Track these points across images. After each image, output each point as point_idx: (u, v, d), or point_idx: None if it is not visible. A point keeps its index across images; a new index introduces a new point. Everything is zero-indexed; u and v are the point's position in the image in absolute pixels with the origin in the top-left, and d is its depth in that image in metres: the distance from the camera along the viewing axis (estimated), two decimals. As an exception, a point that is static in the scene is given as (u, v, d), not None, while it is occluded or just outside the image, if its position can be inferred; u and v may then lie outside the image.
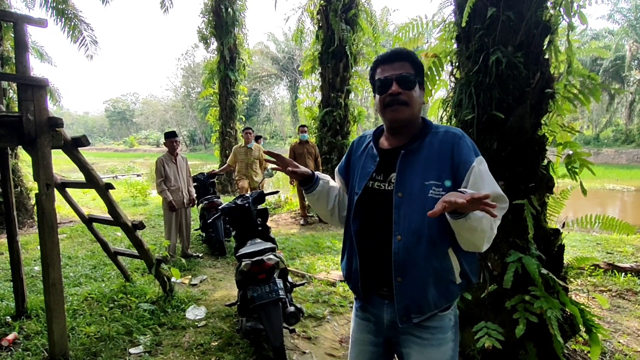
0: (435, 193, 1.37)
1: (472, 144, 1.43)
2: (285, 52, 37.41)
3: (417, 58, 1.49)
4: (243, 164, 7.02)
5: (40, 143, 2.75)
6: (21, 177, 7.75)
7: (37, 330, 3.31)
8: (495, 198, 1.31)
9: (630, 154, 24.99)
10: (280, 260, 3.05)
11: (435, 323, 1.46)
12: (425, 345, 1.47)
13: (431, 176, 1.39)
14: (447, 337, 1.48)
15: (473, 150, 1.40)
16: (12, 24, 2.81)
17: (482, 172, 1.36)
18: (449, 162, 1.39)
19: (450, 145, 1.40)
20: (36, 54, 12.26)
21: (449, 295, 1.44)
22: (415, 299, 1.42)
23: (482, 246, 1.34)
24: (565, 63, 2.55)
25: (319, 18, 8.13)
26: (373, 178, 1.50)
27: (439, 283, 1.41)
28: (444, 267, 1.41)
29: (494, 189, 1.35)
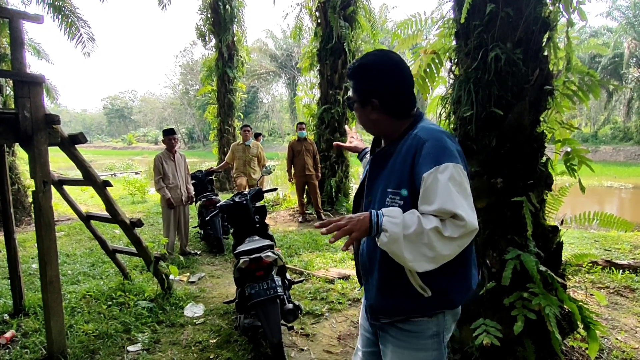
0: (392, 201, 1.33)
1: (438, 149, 1.28)
2: (284, 50, 37.33)
3: (361, 71, 1.43)
4: (241, 161, 7.02)
5: (36, 140, 2.73)
6: (18, 175, 7.72)
7: (35, 327, 3.30)
8: (445, 214, 1.20)
9: (628, 152, 25.04)
10: (279, 257, 3.04)
11: (411, 327, 1.42)
12: (401, 347, 1.44)
13: (392, 183, 1.35)
14: (426, 345, 1.42)
15: (434, 157, 1.25)
16: (8, 20, 2.78)
17: (436, 183, 1.22)
18: (408, 170, 1.31)
19: (413, 151, 1.30)
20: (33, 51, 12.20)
21: (418, 308, 1.37)
22: (377, 300, 1.43)
23: (416, 269, 1.24)
24: (564, 60, 2.54)
25: (318, 15, 8.09)
26: (366, 176, 1.53)
27: (398, 291, 1.38)
28: (398, 277, 1.35)
29: (443, 205, 1.19)
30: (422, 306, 1.37)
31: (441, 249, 1.20)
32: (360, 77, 1.43)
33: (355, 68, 1.44)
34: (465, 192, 1.26)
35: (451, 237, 1.19)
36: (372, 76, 1.41)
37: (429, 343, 1.42)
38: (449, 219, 1.21)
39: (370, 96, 1.41)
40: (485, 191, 2.49)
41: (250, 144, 7.07)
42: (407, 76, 1.43)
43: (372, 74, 1.41)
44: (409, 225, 1.21)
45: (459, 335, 2.52)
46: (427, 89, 3.15)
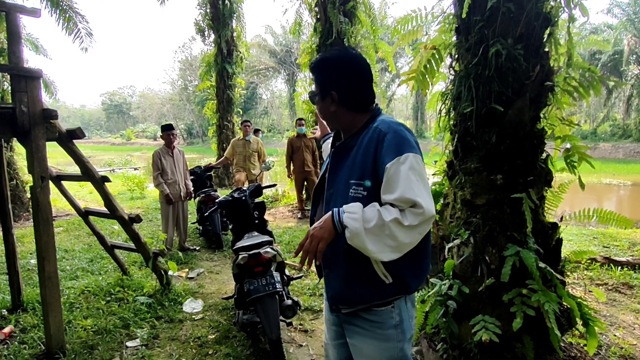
0: (355, 192, 1.38)
1: (398, 140, 1.34)
2: (283, 45, 37.19)
3: (322, 65, 1.50)
4: (241, 157, 7.01)
5: (34, 135, 2.72)
6: (17, 170, 7.70)
7: (33, 323, 3.30)
8: (405, 202, 1.26)
9: (627, 149, 25.05)
10: (278, 253, 3.04)
11: (374, 317, 1.46)
12: (365, 336, 1.49)
13: (355, 175, 1.40)
14: (389, 335, 1.46)
15: (395, 148, 1.32)
16: (5, 14, 2.76)
17: (398, 172, 1.28)
18: (371, 161, 1.36)
19: (375, 143, 1.36)
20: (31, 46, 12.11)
21: (379, 294, 1.42)
22: (339, 291, 1.48)
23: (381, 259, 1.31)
24: (565, 56, 2.53)
25: (317, 10, 8.05)
26: (327, 169, 1.57)
27: (362, 279, 1.42)
28: (363, 265, 1.40)
29: (403, 194, 1.26)
30: (382, 293, 1.43)
31: (403, 238, 1.27)
32: (321, 71, 1.50)
33: (316, 62, 1.51)
34: (424, 181, 1.32)
35: (411, 226, 1.26)
36: (332, 70, 1.48)
37: (392, 333, 1.47)
38: (408, 209, 1.27)
39: (330, 89, 1.48)
40: (485, 187, 2.48)
41: (251, 139, 7.06)
42: (365, 71, 1.49)
43: (331, 68, 1.48)
44: (369, 219, 1.28)
45: (457, 331, 2.52)
46: (427, 85, 3.14)
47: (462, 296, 2.48)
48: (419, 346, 2.88)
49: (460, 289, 2.47)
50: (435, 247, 2.82)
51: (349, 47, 1.58)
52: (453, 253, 2.63)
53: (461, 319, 2.51)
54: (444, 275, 2.64)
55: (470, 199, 2.54)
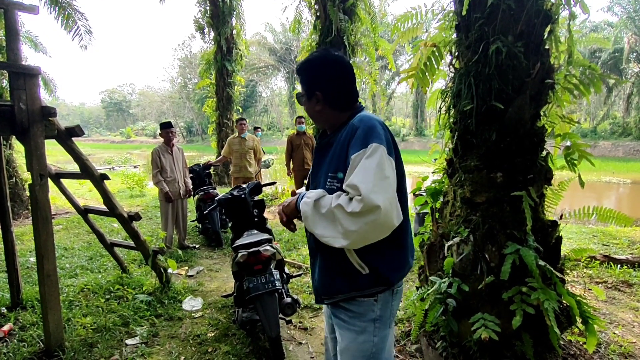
0: (330, 184, 1.45)
1: (367, 132, 1.38)
2: (283, 43, 37.12)
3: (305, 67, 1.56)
4: (237, 154, 6.94)
5: (33, 133, 2.71)
6: (16, 168, 7.69)
7: (32, 321, 3.30)
8: (351, 188, 1.30)
9: (626, 147, 25.06)
10: (277, 251, 3.04)
11: (354, 308, 1.50)
12: (343, 328, 1.53)
13: (332, 168, 1.46)
14: (366, 328, 1.49)
15: (362, 140, 1.36)
16: (3, 11, 2.75)
17: (357, 161, 1.33)
18: (344, 155, 1.42)
19: (348, 137, 1.42)
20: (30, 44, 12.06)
21: (356, 285, 1.46)
22: (319, 280, 1.55)
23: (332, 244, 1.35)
24: (565, 53, 2.52)
25: (317, 8, 8.03)
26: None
27: (340, 271, 1.47)
28: (338, 258, 1.46)
29: (352, 180, 1.30)
30: (360, 284, 1.47)
31: (347, 225, 1.29)
32: (306, 72, 1.56)
33: (301, 64, 1.58)
34: (380, 171, 1.30)
35: (353, 213, 1.27)
36: (316, 71, 1.54)
37: (370, 327, 1.49)
38: (355, 196, 1.29)
39: (315, 89, 1.54)
40: (485, 185, 2.48)
41: (246, 137, 6.99)
42: (348, 71, 1.55)
43: (315, 69, 1.55)
44: (324, 205, 1.36)
45: (457, 329, 2.52)
46: (427, 83, 3.13)
47: (462, 294, 2.48)
48: (419, 344, 2.88)
49: (460, 287, 2.47)
50: (434, 244, 2.82)
51: (331, 48, 1.65)
52: (453, 251, 2.63)
53: (461, 317, 2.51)
54: (443, 273, 2.64)
55: (470, 196, 2.54)
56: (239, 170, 6.93)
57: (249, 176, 6.88)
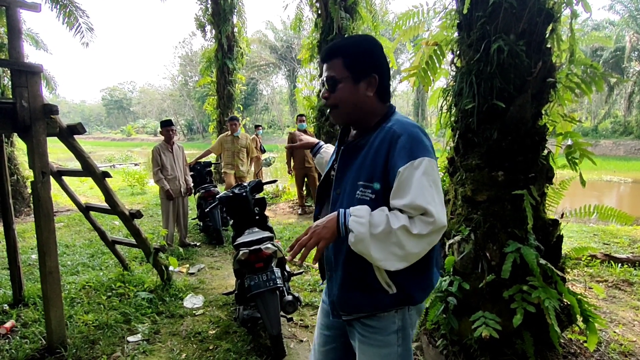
0: (362, 194, 1.30)
1: (413, 142, 1.25)
2: (284, 41, 37.09)
3: (356, 45, 1.37)
4: (229, 153, 6.79)
5: (34, 130, 2.71)
6: (17, 166, 7.70)
7: (34, 318, 3.31)
8: (414, 209, 1.20)
9: (628, 146, 25.03)
10: (278, 249, 3.04)
11: (374, 323, 1.39)
12: (364, 343, 1.42)
13: (363, 176, 1.32)
14: (389, 341, 1.38)
15: (409, 151, 1.24)
16: (5, 9, 2.75)
17: (411, 177, 1.21)
18: (382, 163, 1.28)
19: (387, 145, 1.28)
20: (31, 41, 12.08)
21: (378, 304, 1.35)
22: (339, 296, 1.40)
23: (387, 267, 1.24)
24: (567, 52, 2.52)
25: (318, 6, 8.01)
26: (333, 167, 1.49)
27: (361, 288, 1.35)
28: (363, 274, 1.33)
29: (414, 200, 1.19)
30: (385, 303, 1.35)
31: (411, 248, 1.20)
32: (358, 53, 1.36)
33: (352, 42, 1.39)
34: (437, 188, 1.24)
35: (420, 235, 1.19)
36: (374, 53, 1.37)
37: (392, 338, 1.39)
38: (417, 216, 1.21)
39: (372, 71, 1.35)
40: (486, 184, 2.48)
41: (239, 135, 6.83)
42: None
43: (374, 49, 1.37)
44: (376, 224, 1.21)
45: (457, 327, 2.52)
46: (428, 81, 3.13)
47: (463, 292, 2.48)
48: (419, 342, 2.88)
49: (461, 286, 2.48)
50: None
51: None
52: (453, 249, 2.63)
53: (461, 315, 2.52)
54: (444, 271, 2.64)
55: (471, 195, 2.54)
56: (232, 168, 6.80)
57: (241, 175, 6.76)
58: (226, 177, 6.80)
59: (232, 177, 6.77)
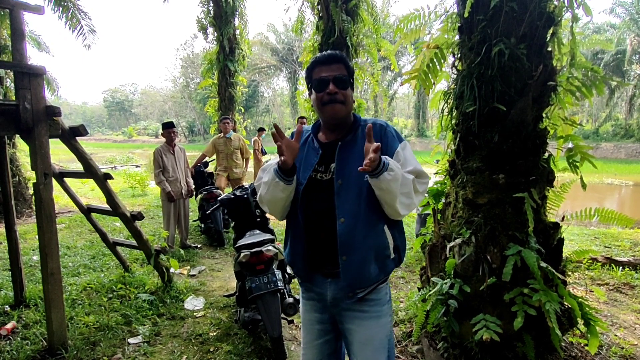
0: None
1: (395, 132, 1.66)
2: (285, 43, 37.12)
3: (349, 61, 1.67)
4: (223, 155, 6.68)
5: (37, 132, 2.73)
6: (19, 167, 7.72)
7: (35, 319, 3.32)
8: (417, 174, 1.56)
9: (629, 149, 25.00)
10: (279, 251, 3.05)
11: (374, 296, 1.62)
12: (365, 318, 1.61)
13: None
14: (384, 310, 1.64)
15: (397, 137, 1.64)
16: (8, 11, 2.77)
17: (405, 155, 1.59)
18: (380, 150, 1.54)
19: (379, 135, 1.61)
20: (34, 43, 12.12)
21: (386, 269, 1.60)
22: (358, 274, 1.56)
23: (399, 210, 1.49)
24: (568, 55, 2.52)
25: (320, 9, 8.02)
26: (316, 169, 1.64)
27: (377, 258, 1.57)
28: (380, 244, 1.57)
29: (415, 166, 1.57)
30: (387, 268, 1.61)
31: (415, 198, 1.53)
32: (348, 63, 1.65)
33: (340, 54, 1.65)
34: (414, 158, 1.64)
35: (421, 192, 1.57)
36: (351, 66, 1.67)
37: (386, 308, 1.66)
38: (415, 178, 1.54)
39: (353, 81, 1.67)
40: (487, 187, 2.48)
41: (232, 136, 6.70)
42: None
43: (351, 64, 1.67)
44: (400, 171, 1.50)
45: (458, 330, 2.52)
46: (429, 84, 3.14)
47: (463, 295, 2.48)
48: (420, 345, 2.88)
49: (462, 288, 2.48)
50: (436, 245, 2.82)
51: None
52: (454, 252, 2.63)
53: (462, 318, 2.52)
54: (445, 274, 2.65)
55: (472, 198, 2.54)
56: (224, 170, 6.69)
57: (236, 177, 6.64)
58: (217, 180, 6.65)
59: (224, 180, 6.64)
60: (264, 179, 1.66)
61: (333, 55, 1.61)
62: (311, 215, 1.62)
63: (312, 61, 1.63)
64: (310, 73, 1.63)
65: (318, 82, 1.58)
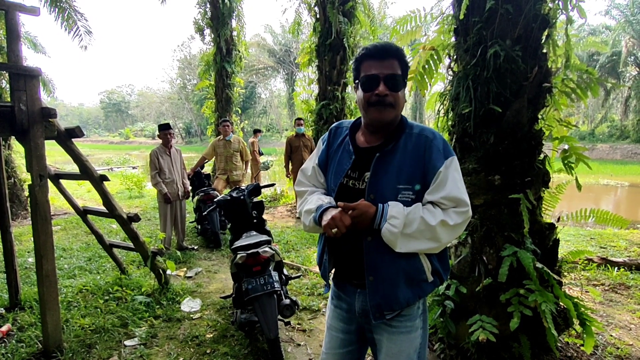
0: (405, 196, 1.40)
1: (444, 145, 1.41)
2: (282, 45, 37.15)
3: (405, 55, 1.44)
4: (222, 157, 6.59)
5: (32, 133, 2.71)
6: (15, 168, 7.68)
7: (31, 322, 3.30)
8: (450, 200, 1.36)
9: (624, 150, 25.12)
10: (276, 252, 3.04)
11: (405, 311, 1.49)
12: (394, 333, 1.49)
13: (403, 179, 1.40)
14: (416, 325, 1.51)
15: (443, 153, 1.39)
16: (4, 12, 2.76)
17: (447, 175, 1.37)
18: (420, 166, 1.39)
19: (423, 149, 1.40)
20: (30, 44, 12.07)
21: (421, 293, 1.47)
22: (386, 297, 1.44)
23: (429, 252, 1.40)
24: (563, 57, 2.54)
25: (317, 10, 8.05)
26: (348, 175, 1.49)
27: (410, 282, 1.43)
28: (413, 268, 1.43)
29: (450, 192, 1.35)
30: (425, 291, 1.47)
31: (445, 238, 1.35)
32: (403, 57, 1.43)
33: (399, 50, 1.43)
34: (462, 181, 1.41)
35: (456, 225, 1.35)
36: (406, 60, 1.45)
37: (418, 322, 1.52)
38: (451, 209, 1.36)
39: (407, 77, 1.46)
40: (483, 188, 2.49)
41: (231, 139, 6.63)
42: None
43: (406, 58, 1.45)
44: (409, 223, 1.34)
45: (455, 331, 2.53)
46: (425, 86, 3.15)
47: (460, 296, 2.49)
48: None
49: (458, 289, 2.48)
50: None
51: None
52: (451, 253, 2.65)
53: (458, 319, 2.52)
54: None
55: (468, 199, 2.55)
56: (224, 173, 6.61)
57: (235, 180, 6.59)
58: (216, 182, 6.60)
59: (222, 182, 6.58)
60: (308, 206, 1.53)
61: (387, 48, 1.40)
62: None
63: (362, 53, 1.43)
64: (359, 66, 1.43)
65: (366, 79, 1.39)
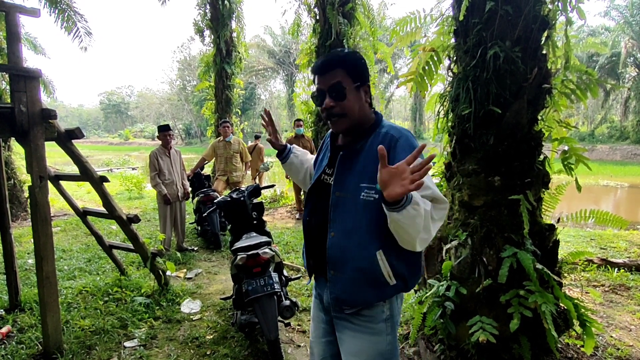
0: (367, 195, 1.39)
1: (410, 144, 1.38)
2: (282, 46, 37.18)
3: (353, 57, 1.45)
4: (222, 159, 6.60)
5: (33, 135, 2.72)
6: (14, 170, 7.69)
7: (31, 323, 3.30)
8: (435, 199, 1.34)
9: (624, 151, 25.15)
10: (276, 254, 3.04)
11: (366, 312, 1.49)
12: (355, 331, 1.51)
13: (365, 178, 1.40)
14: (379, 328, 1.49)
15: (409, 152, 1.29)
16: (4, 14, 2.76)
17: None
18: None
19: (387, 148, 1.33)
20: (30, 46, 12.08)
21: (382, 295, 1.46)
22: (345, 292, 1.47)
23: (416, 247, 1.31)
24: (562, 58, 2.54)
25: (316, 11, 8.05)
26: (325, 172, 1.57)
27: (370, 282, 1.43)
28: (371, 269, 1.41)
29: (433, 190, 1.34)
30: (384, 294, 1.46)
31: (433, 231, 1.31)
32: (349, 61, 1.44)
33: (349, 54, 1.46)
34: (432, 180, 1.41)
35: (440, 219, 1.34)
36: (365, 64, 1.48)
37: (382, 327, 1.50)
38: (433, 204, 1.32)
39: (366, 81, 1.47)
40: (483, 189, 2.49)
41: (231, 140, 6.63)
42: None
43: (364, 63, 1.48)
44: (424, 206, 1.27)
45: (455, 332, 2.53)
46: (425, 87, 3.15)
47: (460, 297, 2.49)
48: (417, 347, 2.88)
49: (458, 290, 2.48)
50: (432, 248, 2.83)
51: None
52: (451, 254, 2.64)
53: (459, 320, 2.52)
54: (441, 276, 2.65)
55: (468, 200, 2.55)
56: (224, 174, 6.60)
57: (235, 181, 6.59)
58: (216, 183, 6.60)
59: (221, 183, 6.57)
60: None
61: (329, 60, 1.44)
62: (311, 218, 1.59)
63: (311, 69, 1.50)
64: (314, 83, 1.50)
65: (315, 95, 1.48)
